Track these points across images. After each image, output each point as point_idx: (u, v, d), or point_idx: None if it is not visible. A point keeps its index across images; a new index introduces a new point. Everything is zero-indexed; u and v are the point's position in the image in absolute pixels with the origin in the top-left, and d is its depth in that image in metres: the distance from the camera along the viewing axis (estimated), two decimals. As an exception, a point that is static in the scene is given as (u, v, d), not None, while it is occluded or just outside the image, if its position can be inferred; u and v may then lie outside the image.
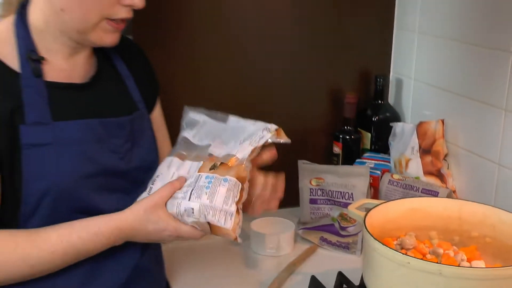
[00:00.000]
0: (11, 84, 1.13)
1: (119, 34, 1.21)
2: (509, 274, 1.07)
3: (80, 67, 1.25)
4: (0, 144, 1.11)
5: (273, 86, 1.80)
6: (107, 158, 1.21)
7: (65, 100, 1.19)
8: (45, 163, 1.13)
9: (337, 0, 1.80)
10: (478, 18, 1.56)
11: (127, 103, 1.31)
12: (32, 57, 1.15)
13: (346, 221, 1.59)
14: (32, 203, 1.13)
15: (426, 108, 1.78)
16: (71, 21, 1.15)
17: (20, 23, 1.17)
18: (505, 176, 1.50)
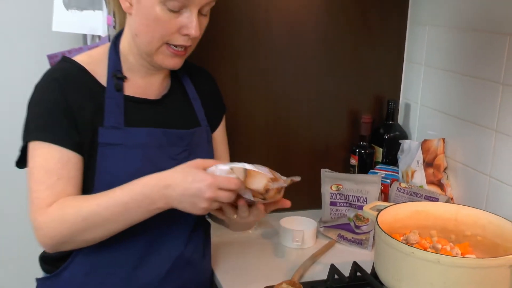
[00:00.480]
0: (98, 95, 1.20)
1: (180, 60, 1.23)
2: (493, 264, 1.12)
3: (155, 86, 1.30)
4: (84, 140, 1.17)
5: (302, 108, 1.81)
6: (165, 162, 1.22)
7: (138, 111, 1.24)
8: (114, 159, 1.19)
9: (356, 36, 1.81)
10: (474, 55, 1.58)
11: (191, 119, 1.33)
12: (116, 75, 1.22)
13: (360, 221, 1.60)
14: (101, 190, 1.16)
15: (429, 128, 1.79)
16: (141, 44, 1.20)
17: (113, 49, 1.25)
18: (495, 186, 1.51)
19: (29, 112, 1.19)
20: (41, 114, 1.17)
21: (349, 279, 1.35)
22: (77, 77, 1.20)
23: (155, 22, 1.15)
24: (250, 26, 1.70)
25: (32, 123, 1.17)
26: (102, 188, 1.16)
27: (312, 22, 1.76)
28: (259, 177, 1.11)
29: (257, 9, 1.69)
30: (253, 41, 1.72)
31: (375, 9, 1.80)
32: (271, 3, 1.70)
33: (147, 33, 1.18)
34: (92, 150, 1.18)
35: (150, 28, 1.17)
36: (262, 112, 1.76)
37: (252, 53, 1.73)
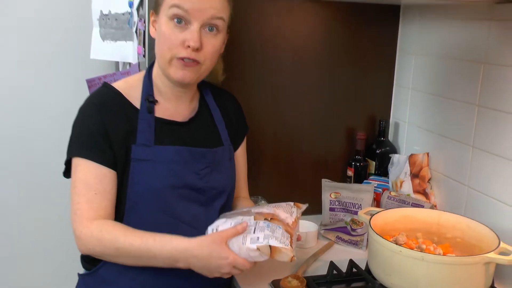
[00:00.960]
0: (132, 116, 1.21)
1: (189, 73, 1.20)
2: (470, 261, 1.16)
3: (182, 109, 1.30)
4: (118, 156, 1.18)
5: (304, 125, 1.81)
6: (189, 177, 1.23)
7: (166, 131, 1.24)
8: (144, 173, 1.19)
9: (352, 63, 1.81)
10: (454, 80, 1.60)
11: (215, 140, 1.32)
12: (149, 99, 1.24)
13: (356, 224, 1.61)
14: (133, 201, 1.19)
15: (416, 144, 1.80)
16: (159, 61, 1.22)
17: (147, 76, 1.27)
18: (472, 195, 1.52)
19: (73, 131, 1.21)
20: (82, 134, 1.19)
21: (346, 274, 1.36)
22: (114, 102, 1.21)
23: (164, 37, 1.17)
24: (261, 51, 1.71)
25: (75, 141, 1.20)
26: (134, 197, 1.19)
27: (314, 49, 1.77)
28: (284, 251, 1.10)
29: (267, 36, 1.71)
30: (263, 65, 1.73)
31: (369, 39, 1.82)
32: (278, 31, 1.71)
33: (160, 48, 1.20)
34: (126, 164, 1.19)
35: (161, 43, 1.19)
36: (270, 129, 1.77)
37: (262, 76, 1.73)
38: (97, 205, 1.16)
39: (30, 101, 2.23)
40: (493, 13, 1.44)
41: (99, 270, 1.24)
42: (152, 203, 1.20)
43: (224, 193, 1.30)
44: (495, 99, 1.44)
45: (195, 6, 1.15)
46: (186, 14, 1.15)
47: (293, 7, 1.71)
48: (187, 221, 1.23)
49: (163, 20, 1.18)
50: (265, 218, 1.16)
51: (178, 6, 1.15)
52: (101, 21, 1.82)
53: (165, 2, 1.18)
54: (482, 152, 1.49)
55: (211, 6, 1.16)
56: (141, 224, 1.18)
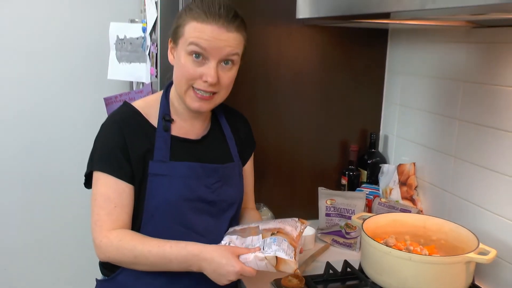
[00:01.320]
0: (150, 134, 1.20)
1: (205, 104, 1.20)
2: (452, 261, 1.17)
3: (196, 128, 1.28)
4: (136, 171, 1.17)
5: (303, 139, 1.81)
6: (202, 190, 1.22)
7: (181, 148, 1.23)
8: (161, 187, 1.18)
9: (346, 82, 1.82)
10: (437, 96, 1.60)
11: (225, 156, 1.30)
12: (165, 118, 1.22)
13: (350, 228, 1.60)
14: (150, 213, 1.18)
15: (403, 155, 1.80)
16: (177, 87, 1.21)
17: (164, 96, 1.26)
18: (454, 201, 1.53)
19: (95, 146, 1.21)
20: (104, 150, 1.18)
21: (341, 273, 1.37)
22: (133, 120, 1.20)
23: (183, 69, 1.16)
24: (264, 72, 1.73)
25: (97, 156, 1.18)
26: (151, 209, 1.18)
27: (311, 70, 1.78)
28: (289, 263, 1.09)
29: (269, 59, 1.73)
30: (266, 87, 1.74)
31: (360, 61, 1.83)
32: (280, 54, 1.73)
33: (178, 77, 1.18)
34: (144, 179, 1.18)
35: (179, 73, 1.17)
36: (273, 143, 1.78)
37: (265, 96, 1.75)
38: (116, 217, 1.16)
39: (55, 116, 2.25)
40: (470, 37, 1.47)
41: (118, 276, 1.22)
42: (167, 215, 1.19)
43: (233, 205, 1.29)
44: (474, 113, 1.45)
45: (212, 45, 1.13)
46: (204, 52, 1.14)
47: (292, 32, 1.73)
48: (199, 231, 1.22)
49: (181, 53, 1.17)
50: (272, 232, 1.15)
51: (197, 44, 1.13)
52: (117, 45, 1.84)
53: (184, 37, 1.16)
54: (463, 162, 1.49)
55: (228, 44, 1.15)
56: (157, 233, 1.17)
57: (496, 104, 1.37)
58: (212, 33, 1.13)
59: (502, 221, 1.36)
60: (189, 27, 1.15)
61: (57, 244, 2.35)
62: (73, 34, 2.20)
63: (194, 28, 1.14)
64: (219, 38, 1.13)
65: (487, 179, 1.41)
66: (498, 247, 1.30)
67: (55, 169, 2.29)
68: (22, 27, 2.14)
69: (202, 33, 1.13)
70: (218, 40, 1.13)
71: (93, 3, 2.19)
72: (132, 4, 2.20)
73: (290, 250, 1.11)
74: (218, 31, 1.13)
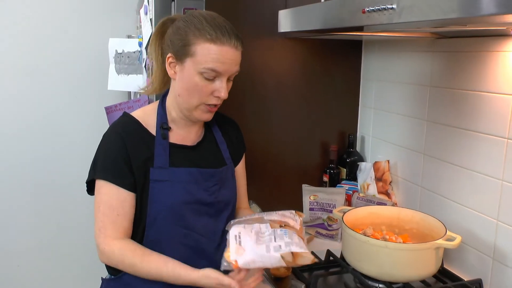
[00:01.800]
0: (149, 142, 1.17)
1: (211, 114, 1.19)
2: (423, 247, 1.18)
3: (192, 135, 1.25)
4: (138, 179, 1.14)
5: (287, 141, 1.81)
6: (201, 193, 1.19)
7: (179, 154, 1.20)
8: (162, 192, 1.15)
9: (325, 89, 1.82)
10: (407, 100, 1.61)
11: (219, 160, 1.27)
12: (163, 126, 1.19)
13: (332, 221, 1.62)
14: (152, 217, 1.15)
15: (379, 153, 1.80)
16: (183, 103, 1.16)
17: (161, 105, 1.22)
18: (425, 194, 1.54)
19: (97, 155, 1.17)
20: (106, 159, 1.14)
21: (324, 262, 1.39)
22: (134, 130, 1.17)
23: (194, 87, 1.12)
24: (250, 81, 1.73)
25: (99, 164, 1.15)
26: (154, 213, 1.15)
27: (293, 78, 1.78)
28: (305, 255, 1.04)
29: (255, 72, 1.73)
30: (253, 95, 1.74)
31: (338, 69, 1.83)
32: (264, 64, 1.73)
33: (188, 95, 1.14)
34: (145, 185, 1.15)
35: (190, 92, 1.13)
36: (259, 145, 1.77)
37: (251, 103, 1.74)
38: (119, 225, 1.13)
39: (61, 125, 2.25)
40: (434, 47, 1.49)
41: (124, 276, 1.18)
42: (169, 218, 1.16)
43: (229, 205, 1.27)
44: (440, 115, 1.46)
45: (226, 67, 1.11)
46: (218, 74, 1.12)
47: (274, 44, 1.74)
48: (199, 231, 1.20)
49: (191, 72, 1.12)
50: (280, 225, 1.09)
51: (215, 70, 1.10)
52: (116, 59, 1.83)
53: (195, 57, 1.10)
54: (431, 159, 1.51)
55: (236, 63, 1.14)
56: (159, 235, 1.16)
57: (459, 106, 1.39)
58: (227, 55, 1.10)
59: (465, 210, 1.38)
60: (202, 49, 1.10)
61: (66, 245, 2.34)
62: (76, 50, 2.20)
63: (208, 50, 1.10)
64: (231, 58, 1.12)
65: (452, 173, 1.42)
66: (463, 233, 1.34)
67: (62, 175, 2.28)
68: (29, 43, 2.15)
69: (219, 55, 1.09)
70: (230, 60, 1.12)
71: (93, 21, 2.20)
72: (129, 21, 2.21)
73: (302, 243, 1.06)
74: (232, 52, 1.11)
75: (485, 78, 1.28)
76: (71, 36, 2.19)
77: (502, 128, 1.23)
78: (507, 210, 1.23)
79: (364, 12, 0.97)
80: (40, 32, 2.15)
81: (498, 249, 1.27)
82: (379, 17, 0.93)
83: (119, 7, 2.21)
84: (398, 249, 1.18)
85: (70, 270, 2.36)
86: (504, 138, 1.24)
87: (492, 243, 1.28)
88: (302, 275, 1.30)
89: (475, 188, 1.33)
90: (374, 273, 1.22)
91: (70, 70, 2.22)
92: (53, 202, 2.29)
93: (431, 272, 1.22)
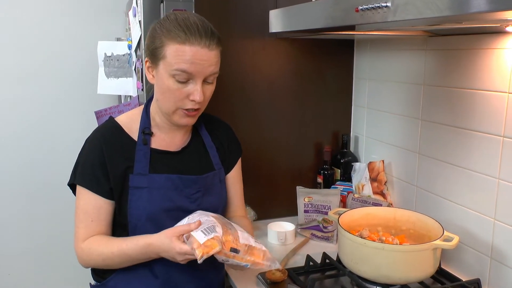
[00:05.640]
0: (130, 149, 1.16)
1: (192, 119, 1.15)
2: (420, 248, 1.17)
3: (177, 140, 1.22)
4: (116, 186, 1.13)
5: (281, 142, 1.80)
6: (182, 201, 1.16)
7: (161, 161, 1.17)
8: (141, 199, 1.14)
9: (317, 89, 1.81)
10: (401, 99, 1.60)
11: (206, 165, 1.23)
12: (145, 131, 1.17)
13: (327, 223, 1.61)
14: (133, 224, 1.15)
15: (373, 153, 1.80)
16: (162, 107, 1.15)
17: (145, 110, 1.21)
18: (420, 193, 1.53)
19: (78, 159, 1.17)
20: (85, 165, 1.14)
21: (320, 265, 1.37)
22: (114, 136, 1.16)
23: (168, 91, 1.09)
24: (241, 83, 1.72)
25: (78, 170, 1.15)
26: (134, 220, 1.14)
27: (285, 79, 1.77)
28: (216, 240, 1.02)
29: (246, 70, 1.71)
30: (244, 96, 1.73)
31: (330, 68, 1.83)
32: (255, 65, 1.72)
33: (164, 99, 1.12)
34: (125, 191, 1.14)
35: (166, 96, 1.11)
36: (252, 147, 1.76)
37: (243, 105, 1.73)
38: (92, 230, 1.15)
39: (51, 130, 2.23)
40: (427, 45, 1.48)
41: (109, 282, 1.19)
42: (149, 225, 1.14)
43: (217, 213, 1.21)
44: (434, 113, 1.46)
45: (197, 68, 1.07)
46: (190, 75, 1.08)
47: (265, 45, 1.72)
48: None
49: (164, 75, 1.09)
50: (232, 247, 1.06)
51: (183, 71, 1.06)
52: (105, 62, 1.82)
53: (166, 60, 1.08)
54: (426, 158, 1.50)
55: (210, 63, 1.09)
56: None
57: (454, 105, 1.38)
58: (196, 55, 1.06)
59: (462, 209, 1.37)
60: (171, 50, 1.07)
61: (56, 250, 2.31)
62: (65, 54, 2.19)
63: (176, 50, 1.06)
64: (202, 59, 1.07)
65: (448, 173, 1.41)
66: (460, 233, 1.32)
67: (53, 180, 2.25)
68: (17, 46, 2.13)
69: (189, 56, 1.06)
70: (202, 61, 1.07)
71: (82, 24, 2.18)
72: (119, 24, 2.19)
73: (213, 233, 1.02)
74: (201, 52, 1.06)
75: (479, 76, 1.27)
76: (60, 39, 2.17)
77: (497, 126, 1.23)
78: (504, 209, 1.23)
79: (357, 10, 0.95)
80: (28, 35, 2.13)
81: (496, 248, 1.26)
82: (373, 15, 0.91)
83: (108, 9, 2.19)
84: (395, 251, 1.17)
85: (62, 276, 2.34)
86: (499, 136, 1.23)
87: (490, 242, 1.27)
88: (299, 278, 1.29)
89: (471, 187, 1.33)
90: (371, 275, 1.20)
91: (59, 74, 2.20)
92: (44, 207, 2.27)
93: (429, 273, 1.21)
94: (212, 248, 1.00)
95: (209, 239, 1.01)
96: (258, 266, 1.09)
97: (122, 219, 1.17)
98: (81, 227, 1.15)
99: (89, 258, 1.15)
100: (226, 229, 1.07)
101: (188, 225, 1.06)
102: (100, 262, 1.15)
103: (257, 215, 1.73)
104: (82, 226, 1.15)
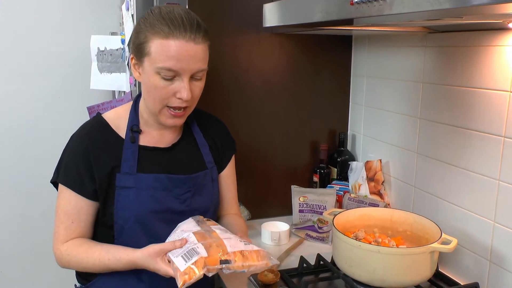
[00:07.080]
0: (117, 147, 1.12)
1: (179, 119, 1.12)
2: (418, 251, 1.15)
3: (167, 136, 1.19)
4: (101, 186, 1.10)
5: (275, 141, 1.79)
6: (170, 201, 1.13)
7: (149, 158, 1.14)
8: (128, 199, 1.10)
9: (314, 86, 1.80)
10: (399, 97, 1.59)
11: (197, 163, 1.20)
12: (133, 129, 1.14)
13: (322, 223, 1.59)
14: (120, 225, 1.11)
15: (370, 152, 1.79)
16: (148, 105, 1.12)
17: (133, 107, 1.18)
18: (418, 194, 1.52)
19: (62, 157, 1.15)
20: (69, 164, 1.11)
21: (314, 266, 1.36)
22: (100, 133, 1.13)
23: (154, 89, 1.06)
24: (235, 79, 1.70)
25: (62, 168, 1.13)
26: (120, 221, 1.11)
27: (280, 75, 1.76)
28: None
29: (240, 66, 1.69)
30: (239, 93, 1.71)
31: (327, 65, 1.81)
32: (250, 61, 1.70)
33: (150, 97, 1.09)
34: (111, 192, 1.11)
35: (151, 94, 1.07)
36: (247, 145, 1.74)
37: (238, 101, 1.72)
38: (72, 231, 1.13)
39: (43, 126, 2.21)
40: (426, 41, 1.46)
41: (93, 286, 1.17)
42: (136, 227, 1.11)
43: (208, 213, 1.20)
44: (433, 112, 1.44)
45: (182, 64, 1.02)
46: (176, 72, 1.04)
47: (260, 40, 1.70)
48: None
49: (150, 72, 1.05)
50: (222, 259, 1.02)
51: (169, 69, 1.03)
52: (98, 57, 1.80)
53: (150, 56, 1.04)
54: (425, 157, 1.49)
55: (197, 59, 1.04)
56: (128, 244, 1.11)
57: (453, 103, 1.36)
58: (181, 50, 1.02)
59: (461, 211, 1.36)
60: (155, 45, 1.03)
61: (48, 248, 2.24)
62: (58, 48, 2.16)
63: (160, 45, 1.02)
64: (188, 54, 1.03)
65: (447, 173, 1.40)
66: (458, 235, 1.32)
67: (45, 177, 2.21)
68: (9, 41, 2.10)
69: (174, 52, 1.01)
70: (188, 56, 1.03)
71: (76, 18, 2.15)
72: (113, 18, 2.16)
73: (192, 259, 0.98)
74: (189, 47, 1.02)
75: (480, 74, 1.25)
76: (53, 34, 2.15)
77: (498, 126, 1.21)
78: (504, 211, 1.21)
79: (352, 3, 0.92)
80: (20, 29, 2.11)
81: (495, 252, 1.24)
82: (368, 9, 0.87)
83: (101, 3, 2.16)
84: (391, 254, 1.15)
85: (53, 275, 2.30)
86: (500, 136, 1.21)
87: (489, 245, 1.25)
88: (291, 281, 1.27)
89: (471, 188, 1.31)
90: (366, 278, 1.18)
91: (52, 68, 2.18)
92: (36, 205, 2.24)
93: (426, 276, 1.19)
94: (191, 277, 0.97)
95: (189, 266, 0.97)
96: (254, 267, 1.05)
97: (107, 221, 1.13)
98: (61, 227, 1.13)
99: (68, 263, 1.14)
100: (210, 243, 1.02)
101: (173, 244, 1.03)
102: (79, 268, 1.14)
103: (251, 215, 1.71)
104: (62, 227, 1.13)
